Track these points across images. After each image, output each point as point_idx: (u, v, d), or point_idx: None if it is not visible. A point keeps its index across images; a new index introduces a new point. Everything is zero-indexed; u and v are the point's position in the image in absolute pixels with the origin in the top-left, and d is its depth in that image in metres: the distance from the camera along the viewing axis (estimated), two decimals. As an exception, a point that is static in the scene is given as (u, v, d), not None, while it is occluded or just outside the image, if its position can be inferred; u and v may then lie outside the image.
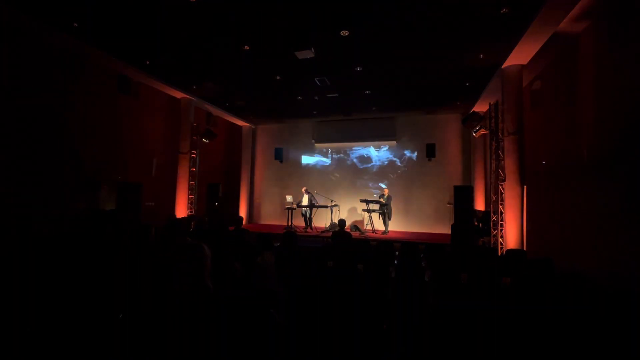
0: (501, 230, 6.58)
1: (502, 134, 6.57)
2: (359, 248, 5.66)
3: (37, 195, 6.15)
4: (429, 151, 10.51)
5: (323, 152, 12.25)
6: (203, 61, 6.88)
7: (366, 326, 2.55)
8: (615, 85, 5.08)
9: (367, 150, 11.73)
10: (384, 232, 9.57)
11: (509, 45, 5.79)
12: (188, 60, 6.84)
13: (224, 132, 12.87)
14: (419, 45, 5.91)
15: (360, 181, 11.69)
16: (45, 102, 6.37)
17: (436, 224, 10.62)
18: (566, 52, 6.45)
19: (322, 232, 9.50)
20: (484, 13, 4.82)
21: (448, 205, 10.16)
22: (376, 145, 11.63)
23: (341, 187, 11.82)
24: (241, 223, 5.98)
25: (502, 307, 2.83)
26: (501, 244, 6.54)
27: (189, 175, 8.90)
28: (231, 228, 5.99)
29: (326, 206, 10.26)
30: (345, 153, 11.97)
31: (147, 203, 9.03)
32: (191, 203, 8.97)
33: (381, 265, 4.74)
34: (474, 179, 10.07)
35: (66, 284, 2.72)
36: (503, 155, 6.55)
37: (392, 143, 11.40)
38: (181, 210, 8.71)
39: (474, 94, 8.62)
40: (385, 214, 9.56)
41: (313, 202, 10.11)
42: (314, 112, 10.87)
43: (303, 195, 10.16)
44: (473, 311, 2.51)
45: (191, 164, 8.96)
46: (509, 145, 6.36)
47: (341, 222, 6.30)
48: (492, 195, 6.98)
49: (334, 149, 12.10)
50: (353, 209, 11.45)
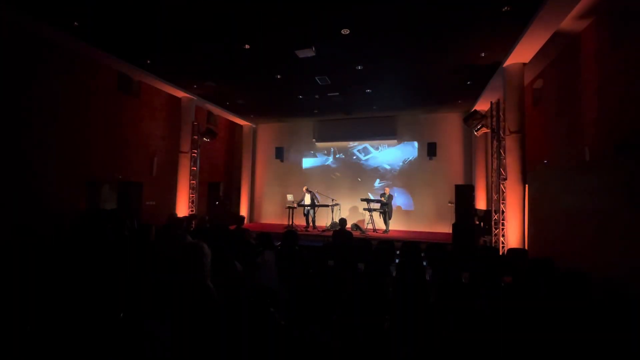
0: (502, 229, 6.57)
1: (504, 133, 6.55)
2: (360, 247, 5.65)
3: (38, 194, 6.17)
4: (430, 150, 10.50)
5: (324, 151, 12.24)
6: (204, 60, 6.88)
7: (367, 325, 2.54)
8: (617, 83, 5.06)
9: (368, 149, 11.72)
10: (385, 231, 9.57)
11: (511, 43, 5.77)
12: (189, 59, 6.84)
13: (225, 131, 12.87)
14: (420, 43, 5.90)
15: (361, 180, 11.69)
16: (45, 102, 6.39)
17: (437, 223, 10.60)
18: (568, 51, 6.43)
19: (323, 231, 9.49)
20: (486, 11, 4.80)
21: (449, 204, 10.14)
22: (377, 144, 11.61)
23: (342, 186, 11.82)
24: (242, 222, 5.98)
25: (503, 306, 2.82)
26: (502, 243, 6.53)
27: (190, 174, 8.91)
28: (232, 227, 5.99)
29: (327, 205, 10.26)
30: (346, 152, 11.96)
31: (148, 202, 9.05)
32: (192, 202, 8.97)
33: (382, 264, 4.73)
34: (475, 178, 10.05)
35: (66, 283, 2.72)
36: (504, 153, 6.54)
37: (393, 142, 11.38)
38: (182, 209, 8.72)
39: (475, 93, 8.60)
40: (385, 213, 9.56)
41: (315, 201, 10.11)
42: (315, 111, 10.86)
43: (304, 194, 10.15)
44: (474, 311, 2.50)
45: (192, 163, 8.96)
46: (511, 143, 6.34)
47: (342, 221, 6.30)
48: (494, 194, 6.96)
49: (335, 148, 12.09)
50: (354, 208, 11.45)
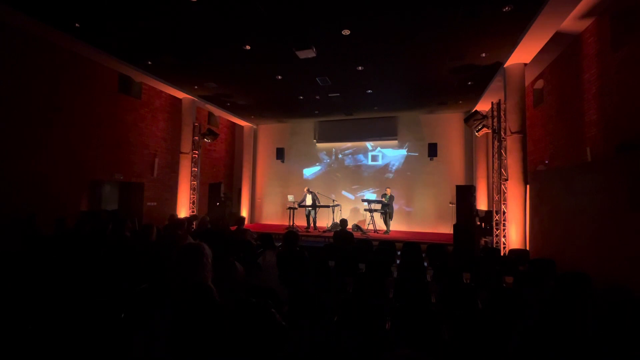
0: (503, 229, 6.56)
1: (505, 133, 6.54)
2: (361, 248, 5.65)
3: (39, 194, 6.18)
4: (431, 150, 10.48)
5: (325, 152, 12.24)
6: (204, 61, 6.89)
7: (368, 326, 2.54)
8: (618, 84, 5.05)
9: (369, 149, 11.71)
10: (386, 232, 9.56)
11: (512, 44, 5.76)
12: (189, 60, 6.85)
13: (226, 132, 12.89)
14: (421, 44, 5.89)
15: (362, 181, 11.68)
16: (46, 102, 6.40)
17: (438, 224, 10.59)
18: (569, 51, 6.42)
19: (324, 232, 9.48)
20: (486, 11, 4.79)
21: (450, 204, 10.13)
22: (378, 144, 11.60)
23: (343, 187, 11.82)
24: (243, 223, 5.98)
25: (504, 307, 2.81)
26: (503, 244, 6.52)
27: (191, 175, 8.92)
28: (233, 228, 5.99)
29: (328, 206, 10.25)
30: (346, 152, 11.96)
31: (149, 203, 9.06)
32: (193, 203, 8.98)
33: (383, 265, 4.73)
34: (476, 178, 10.04)
35: (67, 283, 2.72)
36: (505, 154, 6.52)
37: (394, 142, 11.37)
38: (183, 210, 8.73)
39: (476, 93, 8.59)
40: (387, 214, 9.55)
41: (316, 202, 10.10)
42: (316, 112, 10.87)
43: (305, 195, 10.14)
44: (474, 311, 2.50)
45: (193, 164, 8.97)
46: (512, 144, 6.33)
47: (343, 222, 6.29)
48: (495, 194, 6.95)
49: (336, 149, 12.09)
50: (355, 209, 11.44)
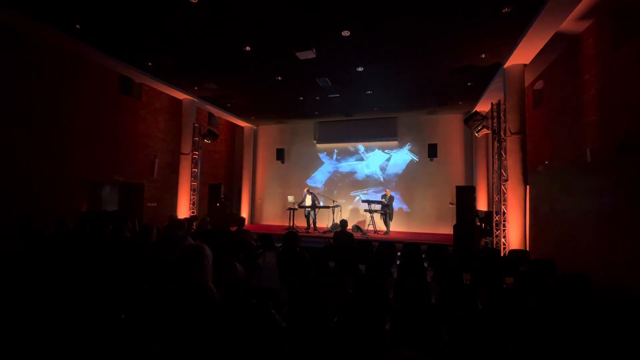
0: (504, 230, 6.56)
1: (505, 134, 6.54)
2: (361, 248, 5.64)
3: (40, 195, 6.18)
4: (431, 151, 10.49)
5: (325, 153, 12.25)
6: (204, 62, 6.90)
7: (368, 326, 2.54)
8: (618, 85, 5.05)
9: (369, 150, 11.72)
10: (386, 233, 9.56)
11: (511, 44, 5.77)
12: (189, 61, 6.86)
13: (226, 133, 12.90)
14: (421, 44, 5.89)
15: (362, 181, 11.68)
16: (47, 103, 6.41)
17: (438, 224, 10.58)
18: (568, 52, 6.43)
19: (324, 233, 9.47)
20: (486, 12, 4.80)
21: (450, 205, 10.13)
22: (378, 145, 11.60)
23: (343, 188, 11.82)
24: (243, 223, 5.98)
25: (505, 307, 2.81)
26: (504, 244, 6.51)
27: (191, 175, 8.92)
28: (233, 228, 5.99)
29: (328, 206, 10.24)
30: (347, 153, 11.96)
31: (149, 204, 9.06)
32: (193, 204, 8.98)
33: (383, 265, 4.73)
34: (476, 179, 10.04)
35: (67, 284, 2.72)
36: (505, 155, 6.52)
37: (394, 143, 11.38)
38: (183, 211, 8.72)
39: (476, 94, 8.60)
40: (386, 214, 9.55)
41: (316, 203, 10.10)
42: (316, 113, 10.88)
43: (305, 195, 10.14)
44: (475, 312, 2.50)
45: (193, 165, 8.97)
46: (512, 145, 6.33)
47: (343, 223, 6.29)
48: (495, 195, 6.95)
49: (336, 149, 12.10)
50: (355, 210, 11.44)
